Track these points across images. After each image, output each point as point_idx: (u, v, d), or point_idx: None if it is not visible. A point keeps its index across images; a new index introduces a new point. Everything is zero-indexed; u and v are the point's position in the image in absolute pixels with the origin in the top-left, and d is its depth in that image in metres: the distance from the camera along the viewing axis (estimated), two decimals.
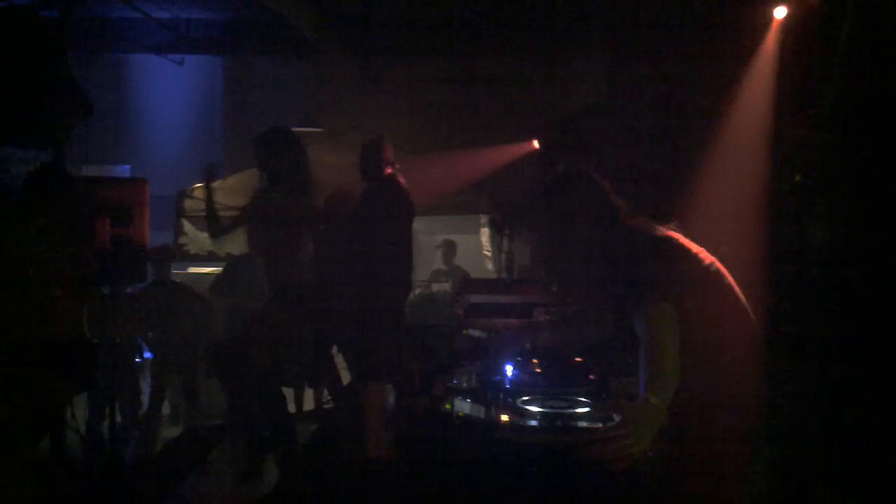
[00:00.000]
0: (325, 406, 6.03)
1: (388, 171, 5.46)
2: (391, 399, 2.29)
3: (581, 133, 6.01)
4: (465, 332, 3.70)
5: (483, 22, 8.14)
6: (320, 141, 8.24)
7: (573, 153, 5.12)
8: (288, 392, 7.46)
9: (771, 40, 4.70)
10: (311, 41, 8.09)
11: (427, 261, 8.64)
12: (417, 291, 7.68)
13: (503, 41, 8.46)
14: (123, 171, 9.61)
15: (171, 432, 6.25)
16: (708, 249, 2.65)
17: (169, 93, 10.14)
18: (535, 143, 7.61)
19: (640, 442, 2.15)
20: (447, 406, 2.51)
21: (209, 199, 5.20)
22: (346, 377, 5.36)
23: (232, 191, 5.44)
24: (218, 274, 7.15)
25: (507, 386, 2.82)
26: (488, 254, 9.31)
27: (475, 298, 4.10)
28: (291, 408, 7.26)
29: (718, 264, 2.66)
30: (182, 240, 7.83)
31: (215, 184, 5.37)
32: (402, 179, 5.50)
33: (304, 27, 7.83)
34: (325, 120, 8.51)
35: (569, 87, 8.48)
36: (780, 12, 4.74)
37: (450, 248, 8.53)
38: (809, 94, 3.72)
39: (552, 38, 8.17)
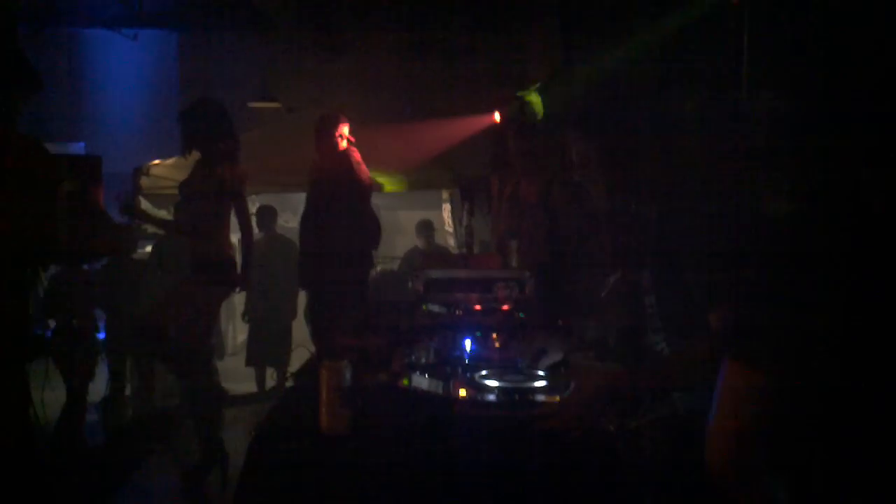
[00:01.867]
0: (286, 384, 6.04)
1: (344, 146, 5.42)
2: (348, 375, 2.26)
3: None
4: (424, 307, 3.69)
5: None
6: (278, 116, 8.17)
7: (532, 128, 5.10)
8: (249, 371, 7.50)
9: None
10: (268, 14, 7.99)
11: (388, 238, 8.61)
12: (379, 268, 7.65)
13: (463, 12, 8.41)
14: (78, 148, 9.45)
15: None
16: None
17: (123, 69, 9.98)
18: (496, 117, 7.58)
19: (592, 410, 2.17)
20: (405, 382, 2.50)
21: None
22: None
23: (188, 168, 5.35)
24: (150, 252, 7.11)
25: (466, 361, 2.82)
26: (450, 230, 9.29)
27: (434, 274, 4.08)
28: (251, 387, 7.29)
29: None
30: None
31: (171, 161, 5.31)
32: (357, 155, 5.46)
33: (266, 3, 7.74)
34: (284, 94, 8.42)
35: (528, 58, 8.45)
36: None
37: (428, 228, 8.42)
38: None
39: (511, 8, 8.13)
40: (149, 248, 7.38)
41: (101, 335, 5.99)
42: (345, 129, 5.42)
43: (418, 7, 8.23)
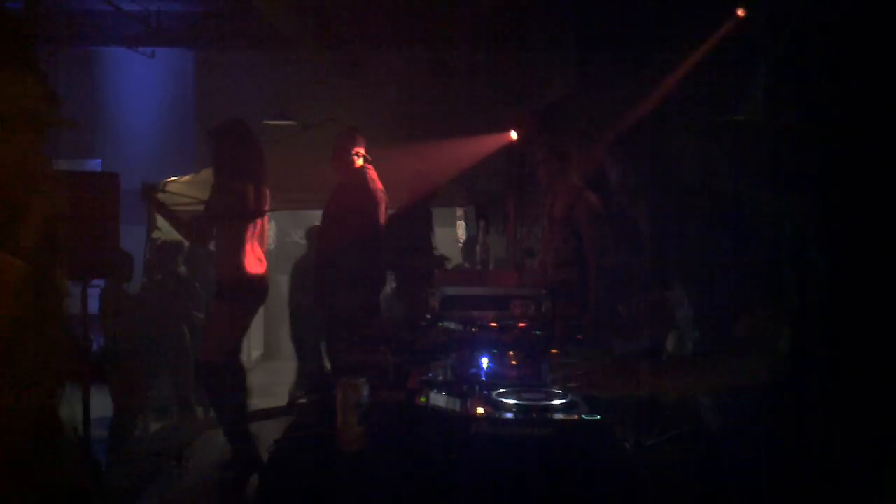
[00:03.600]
0: (301, 401, 6.02)
1: (360, 164, 5.43)
2: (365, 393, 2.26)
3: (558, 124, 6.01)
4: (440, 324, 3.69)
5: (459, 11, 8.10)
6: (295, 134, 8.19)
7: (551, 144, 5.11)
8: (265, 386, 7.50)
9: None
10: (284, 32, 8.03)
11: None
12: (395, 285, 7.65)
13: (479, 31, 8.43)
14: (95, 165, 9.51)
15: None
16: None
17: (140, 86, 10.04)
18: (513, 135, 7.59)
19: None
20: (422, 399, 2.49)
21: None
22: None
23: (204, 184, 5.37)
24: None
25: (483, 378, 2.81)
26: (465, 245, 9.30)
27: (451, 291, 4.09)
28: (267, 402, 7.28)
29: None
30: (156, 234, 7.76)
31: (186, 178, 5.33)
32: (373, 173, 5.48)
33: (276, 18, 7.76)
34: (300, 112, 8.45)
35: (544, 77, 8.46)
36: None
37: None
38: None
39: (527, 28, 8.15)
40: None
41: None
42: (361, 147, 5.43)
43: (434, 25, 8.26)
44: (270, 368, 8.34)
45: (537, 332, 3.63)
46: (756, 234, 2.04)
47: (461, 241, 9.43)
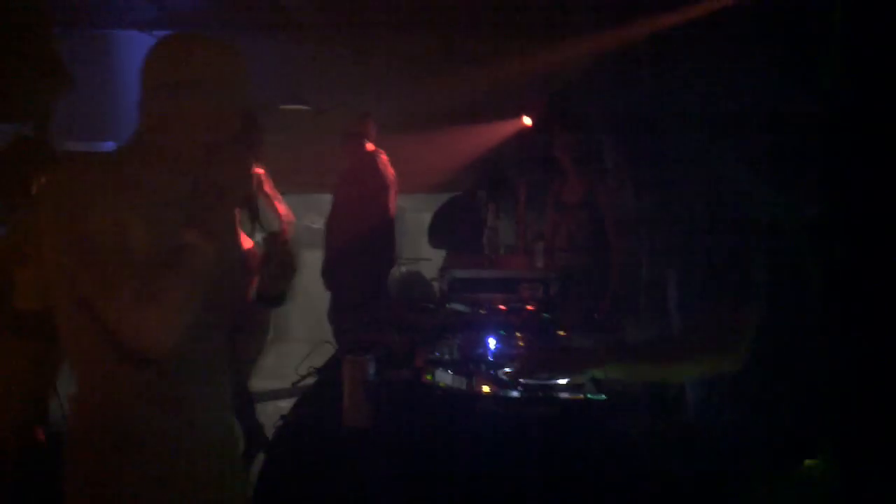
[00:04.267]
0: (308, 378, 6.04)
1: (371, 148, 5.44)
2: (371, 370, 2.28)
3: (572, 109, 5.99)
4: (448, 305, 3.71)
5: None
6: (308, 118, 8.20)
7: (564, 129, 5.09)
8: (273, 368, 7.53)
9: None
10: (298, 16, 8.02)
11: (414, 239, 8.62)
12: (404, 269, 7.66)
13: (493, 16, 8.39)
14: (108, 147, 9.54)
15: None
16: None
17: None
18: (527, 120, 7.58)
19: None
20: (428, 377, 2.51)
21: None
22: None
23: None
24: None
25: (490, 358, 2.83)
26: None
27: (459, 273, 4.10)
28: (275, 384, 7.31)
29: None
30: None
31: None
32: (384, 157, 5.49)
33: (291, 2, 7.76)
34: (313, 96, 8.45)
35: (558, 62, 8.42)
36: None
37: None
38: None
39: (542, 12, 8.11)
40: None
41: None
42: (372, 132, 5.44)
43: (447, 10, 8.24)
44: (280, 350, 8.36)
45: (545, 315, 3.64)
46: (730, 223, 2.05)
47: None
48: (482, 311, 3.63)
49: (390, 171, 5.50)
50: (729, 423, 2.09)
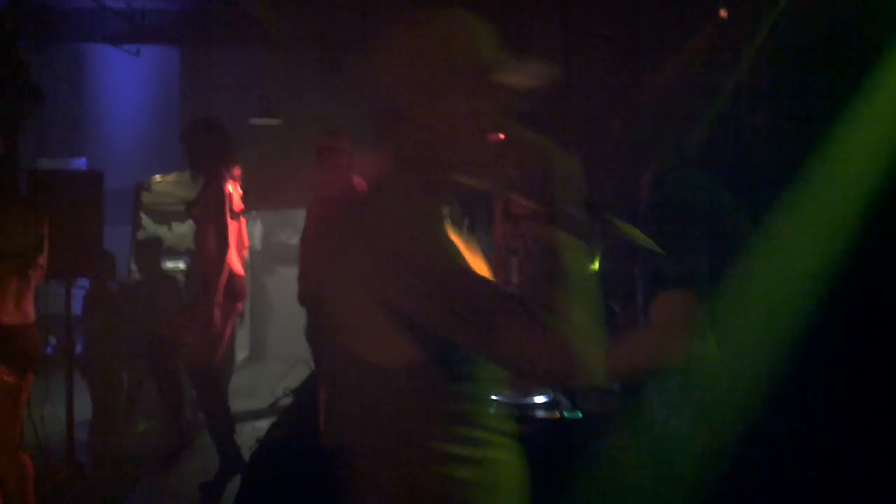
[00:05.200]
0: (284, 400, 6.01)
1: (344, 162, 5.42)
2: None
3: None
4: None
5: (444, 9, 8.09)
6: (280, 132, 8.18)
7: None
8: (250, 387, 7.48)
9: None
10: (270, 31, 8.01)
11: None
12: None
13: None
14: (80, 163, 9.46)
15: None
16: None
17: (126, 84, 9.99)
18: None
19: None
20: None
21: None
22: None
23: (190, 184, 5.36)
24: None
25: None
26: None
27: None
28: (253, 404, 7.27)
29: None
30: (140, 234, 7.74)
31: (172, 177, 5.33)
32: (358, 171, 5.46)
33: (262, 16, 7.75)
34: (286, 110, 8.43)
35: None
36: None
37: None
38: None
39: (512, 24, 8.14)
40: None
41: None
42: (345, 146, 5.42)
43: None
44: (256, 370, 8.32)
45: None
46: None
47: None
48: None
49: (364, 187, 5.48)
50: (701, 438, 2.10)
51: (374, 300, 1.42)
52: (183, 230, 7.68)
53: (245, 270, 5.17)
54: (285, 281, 7.48)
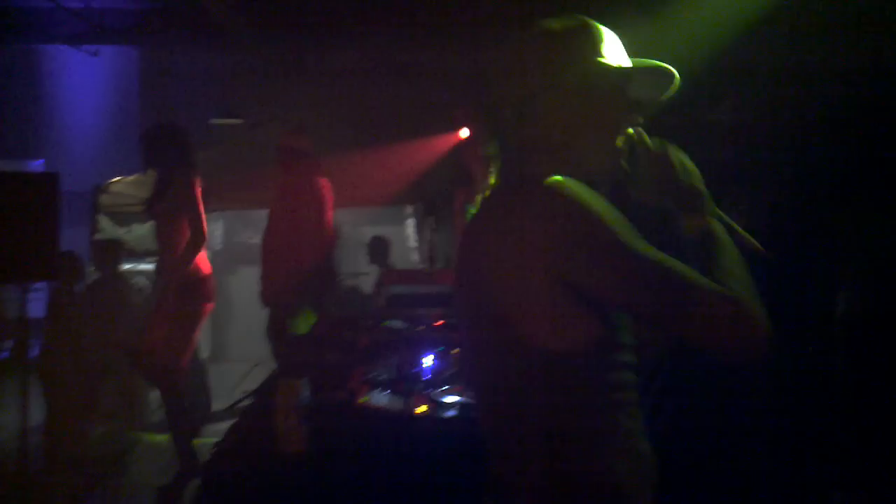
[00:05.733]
0: (244, 402, 5.94)
1: (306, 162, 5.39)
2: (304, 393, 2.23)
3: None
4: (384, 323, 3.66)
5: (408, 10, 8.06)
6: (241, 132, 8.12)
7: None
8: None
9: None
10: (230, 31, 7.93)
11: (352, 254, 8.57)
12: (343, 285, 7.59)
13: (427, 30, 8.39)
14: (37, 165, 9.32)
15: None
16: None
17: (84, 85, 9.86)
18: (463, 133, 7.57)
19: None
20: (364, 399, 2.47)
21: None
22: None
23: (149, 184, 5.29)
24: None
25: (427, 377, 2.79)
26: (415, 245, 9.28)
27: (396, 289, 4.06)
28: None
29: None
30: (98, 236, 7.64)
31: (131, 178, 5.26)
32: (320, 171, 5.43)
33: (222, 16, 7.67)
34: (247, 111, 8.37)
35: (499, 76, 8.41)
36: None
37: (380, 246, 8.23)
38: None
39: (475, 26, 8.12)
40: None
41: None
42: (306, 145, 5.39)
43: (383, 25, 8.23)
44: (217, 371, 8.24)
45: None
46: None
47: (413, 240, 9.40)
48: (420, 328, 3.60)
49: (326, 186, 5.45)
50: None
51: (553, 283, 1.44)
52: (142, 231, 7.59)
53: None
54: (247, 281, 7.43)
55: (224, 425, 3.78)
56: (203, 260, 4.80)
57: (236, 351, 8.55)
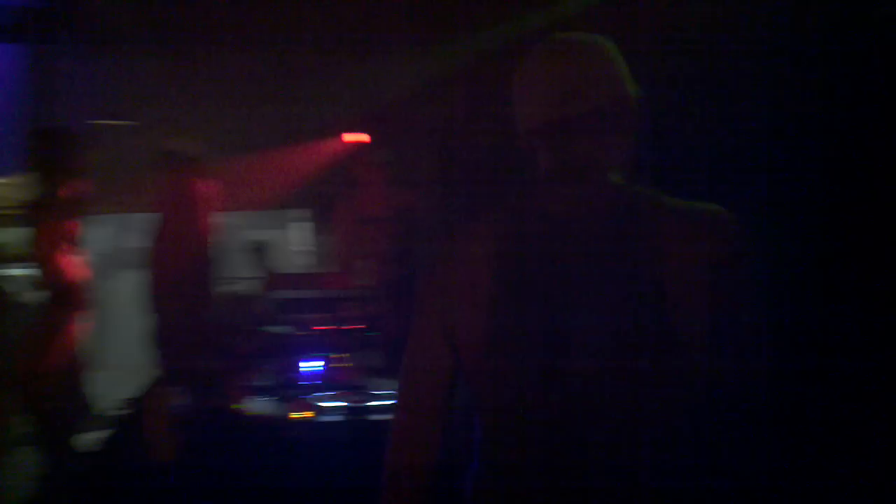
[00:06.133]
0: (122, 410, 5.83)
1: (189, 166, 5.34)
2: (179, 402, 2.24)
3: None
4: (266, 329, 3.66)
5: (296, 13, 8.04)
6: (128, 135, 7.95)
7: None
8: None
9: None
10: (118, 31, 7.77)
11: (238, 259, 8.47)
12: (227, 290, 7.50)
13: (319, 31, 8.36)
14: None
15: None
16: None
17: None
18: (346, 138, 7.59)
19: None
20: (240, 406, 2.49)
21: None
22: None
23: (29, 187, 5.14)
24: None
25: (307, 382, 2.83)
26: (300, 249, 9.22)
27: (279, 294, 4.06)
28: None
29: None
30: None
31: (10, 180, 5.07)
32: (202, 176, 5.38)
33: (111, 17, 7.52)
34: (135, 113, 8.20)
35: (385, 78, 8.47)
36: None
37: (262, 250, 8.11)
38: None
39: (368, 28, 8.14)
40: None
41: None
42: (193, 149, 5.34)
43: (271, 29, 8.19)
44: (98, 377, 8.04)
45: (368, 334, 3.65)
46: None
47: (298, 244, 9.35)
48: (303, 333, 3.62)
49: (212, 190, 5.40)
50: None
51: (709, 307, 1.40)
52: (21, 235, 7.35)
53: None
54: (131, 286, 7.27)
55: (102, 434, 3.74)
56: (76, 266, 4.70)
57: (118, 357, 8.34)
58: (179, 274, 5.14)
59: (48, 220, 4.71)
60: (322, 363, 2.98)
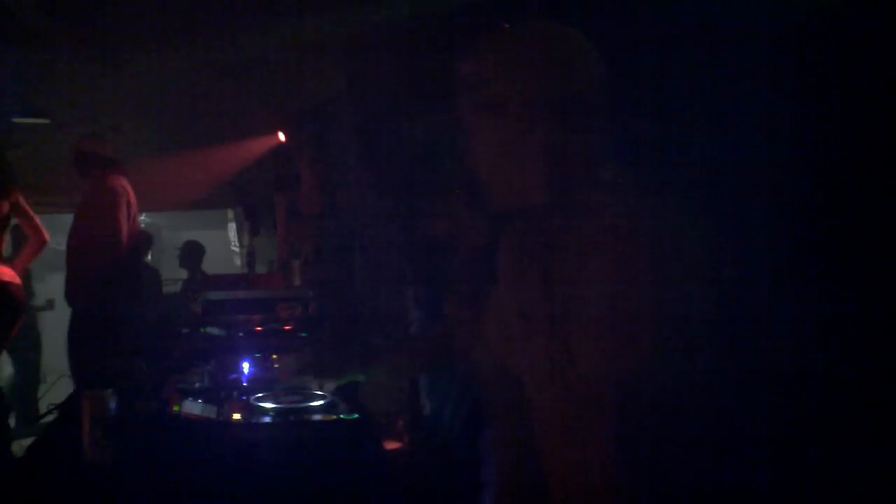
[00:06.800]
0: (48, 416, 5.66)
1: (105, 168, 5.21)
2: (112, 405, 2.16)
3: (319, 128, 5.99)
4: (203, 330, 3.59)
5: (229, 8, 7.89)
6: (49, 133, 7.75)
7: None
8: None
9: None
10: (38, 25, 7.54)
11: (170, 259, 8.32)
12: (158, 291, 7.37)
13: (251, 27, 8.23)
14: None
15: None
16: None
17: None
18: (281, 136, 7.49)
19: None
20: (176, 408, 2.41)
21: None
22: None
23: None
24: None
25: (243, 384, 2.77)
26: (236, 249, 9.12)
27: (213, 295, 3.98)
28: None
29: None
30: None
31: None
32: (120, 177, 5.26)
33: (26, 12, 7.28)
34: (55, 111, 7.97)
35: (315, 77, 8.38)
36: None
37: (193, 251, 8.02)
38: None
39: (300, 25, 8.04)
40: None
41: None
42: (105, 151, 5.22)
43: (204, 25, 8.04)
44: (26, 383, 7.82)
45: (303, 335, 3.61)
46: None
47: (234, 244, 9.23)
48: (238, 335, 3.55)
49: (129, 190, 5.28)
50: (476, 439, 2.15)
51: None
52: None
53: None
54: (56, 288, 7.09)
55: (27, 441, 3.61)
56: (5, 271, 4.55)
57: (53, 361, 8.14)
58: (98, 274, 5.01)
59: None
60: (258, 364, 2.91)
